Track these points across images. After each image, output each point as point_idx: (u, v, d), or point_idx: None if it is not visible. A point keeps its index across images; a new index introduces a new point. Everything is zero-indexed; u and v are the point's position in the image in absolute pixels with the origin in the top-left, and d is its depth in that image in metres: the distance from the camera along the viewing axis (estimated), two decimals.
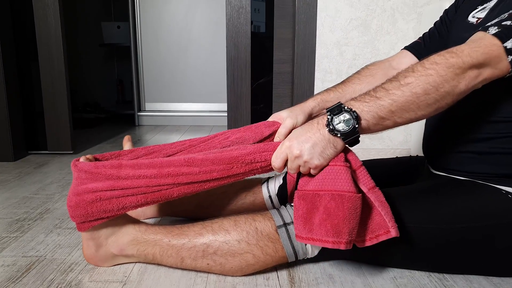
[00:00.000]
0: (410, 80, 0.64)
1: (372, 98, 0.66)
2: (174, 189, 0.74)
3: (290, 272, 0.79)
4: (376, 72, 0.92)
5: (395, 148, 1.67)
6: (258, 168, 0.75)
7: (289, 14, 1.70)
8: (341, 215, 0.66)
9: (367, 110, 0.66)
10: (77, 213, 0.74)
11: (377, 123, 0.66)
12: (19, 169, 1.58)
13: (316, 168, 0.69)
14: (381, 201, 0.69)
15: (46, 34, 1.69)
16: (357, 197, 0.66)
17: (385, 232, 0.68)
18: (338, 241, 0.66)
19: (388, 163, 1.01)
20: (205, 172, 0.73)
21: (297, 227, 0.71)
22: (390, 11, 1.57)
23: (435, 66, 0.63)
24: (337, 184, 0.66)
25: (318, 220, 0.68)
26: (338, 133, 0.66)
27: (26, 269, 0.80)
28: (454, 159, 0.78)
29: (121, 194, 0.73)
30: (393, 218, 0.68)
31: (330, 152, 0.68)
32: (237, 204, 0.99)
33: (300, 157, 0.68)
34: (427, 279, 0.76)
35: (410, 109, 0.65)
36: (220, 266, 0.76)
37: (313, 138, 0.68)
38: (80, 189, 0.74)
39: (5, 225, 1.02)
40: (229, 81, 1.71)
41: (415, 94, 0.63)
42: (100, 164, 0.75)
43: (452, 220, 0.71)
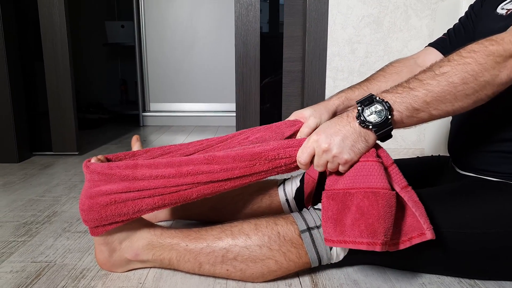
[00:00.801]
0: (446, 69, 0.60)
1: (405, 89, 0.62)
2: (194, 190, 0.70)
3: (313, 278, 0.76)
4: (402, 69, 0.89)
5: (408, 148, 1.64)
6: (282, 165, 0.70)
7: (299, 12, 1.66)
8: (376, 213, 0.61)
9: (400, 101, 0.62)
10: (91, 217, 0.70)
11: (411, 115, 0.62)
12: (24, 170, 1.54)
13: (346, 163, 0.65)
14: (414, 201, 0.64)
15: (51, 32, 1.66)
16: (392, 194, 0.62)
17: (419, 234, 0.64)
18: (373, 242, 0.62)
19: (409, 163, 0.97)
20: (226, 170, 0.69)
21: (326, 230, 0.66)
22: (403, 7, 1.53)
23: (473, 54, 0.59)
24: (370, 181, 0.62)
25: (351, 220, 0.63)
26: (370, 124, 0.62)
27: (36, 275, 0.76)
28: (484, 159, 0.74)
29: (137, 196, 0.70)
30: (428, 219, 0.64)
31: (361, 146, 0.64)
32: (252, 207, 0.96)
33: (328, 151, 0.64)
34: (458, 286, 0.72)
35: (447, 100, 0.60)
36: (241, 272, 0.72)
37: (343, 131, 0.64)
38: (93, 192, 0.70)
39: (12, 229, 0.98)
40: (237, 79, 1.68)
41: (452, 84, 0.59)
42: (114, 164, 0.71)
43: (486, 224, 0.67)
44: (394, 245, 0.66)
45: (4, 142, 1.64)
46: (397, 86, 0.64)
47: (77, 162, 1.67)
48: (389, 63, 0.93)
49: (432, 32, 1.55)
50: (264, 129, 0.82)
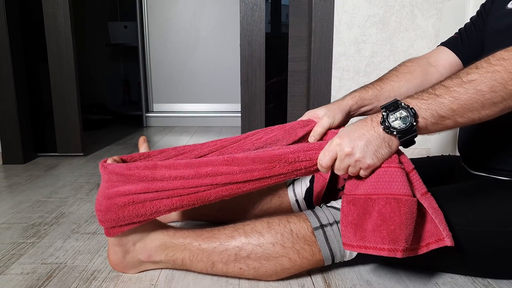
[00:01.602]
0: (474, 77, 0.59)
1: (431, 95, 0.62)
2: (212, 191, 0.70)
3: (325, 278, 0.75)
4: (415, 69, 0.88)
5: (414, 147, 1.63)
6: (302, 168, 0.70)
7: (305, 11, 1.66)
8: (398, 220, 0.61)
9: (425, 108, 0.61)
10: (108, 217, 0.70)
11: (436, 122, 0.62)
12: (29, 171, 1.54)
13: (368, 168, 0.64)
14: (434, 208, 0.64)
15: (55, 33, 1.66)
16: (414, 201, 0.62)
17: (436, 240, 0.64)
18: (394, 248, 0.62)
19: (419, 163, 0.96)
20: (245, 171, 0.69)
21: (345, 235, 0.66)
22: (409, 7, 1.53)
23: (503, 62, 0.58)
24: (392, 187, 0.62)
25: (372, 226, 0.63)
26: (394, 130, 0.62)
27: (47, 277, 0.76)
28: (499, 158, 0.74)
29: (156, 197, 0.69)
30: (447, 227, 0.64)
31: (384, 151, 0.64)
32: (262, 208, 0.95)
33: (351, 156, 0.64)
34: (472, 285, 0.72)
35: (474, 108, 0.60)
36: (254, 271, 0.72)
37: (367, 135, 0.63)
38: (111, 192, 0.69)
39: (21, 230, 0.98)
40: (242, 79, 1.67)
41: (479, 92, 0.59)
42: (133, 165, 0.70)
43: (501, 222, 0.67)
44: (412, 250, 0.65)
45: (9, 143, 1.63)
46: (422, 92, 0.63)
47: (82, 163, 1.67)
48: (402, 62, 0.92)
49: (438, 32, 1.55)
50: (278, 129, 0.82)
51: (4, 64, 1.57)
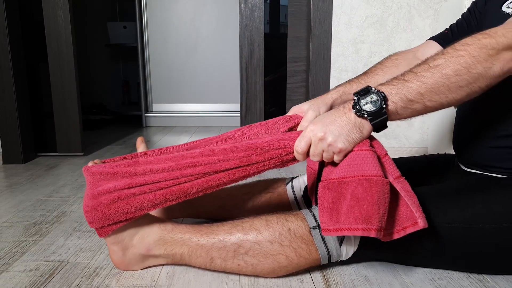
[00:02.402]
0: (440, 62, 0.62)
1: (400, 81, 0.64)
2: (193, 183, 0.71)
3: (324, 274, 0.76)
4: (400, 62, 0.90)
5: (411, 147, 1.65)
6: (278, 156, 0.71)
7: (303, 12, 1.67)
8: (370, 200, 0.62)
9: (395, 93, 0.63)
10: (95, 217, 0.71)
11: (406, 106, 0.64)
12: (29, 171, 1.55)
13: (340, 152, 0.66)
14: (407, 190, 0.66)
15: (56, 34, 1.67)
16: (385, 182, 0.63)
17: (413, 224, 0.65)
18: (368, 227, 0.63)
19: (416, 161, 0.98)
20: (223, 160, 0.71)
21: (323, 220, 0.67)
22: (407, 7, 1.54)
23: (467, 47, 0.61)
24: (363, 169, 0.64)
25: (346, 208, 0.64)
26: (365, 113, 0.64)
27: (49, 274, 0.77)
28: (490, 155, 0.75)
29: (139, 192, 0.70)
30: (421, 208, 0.65)
31: (355, 136, 0.65)
32: (261, 206, 0.97)
33: (324, 140, 0.65)
34: (467, 281, 0.73)
35: (441, 92, 0.62)
36: (252, 267, 0.73)
37: (339, 120, 0.65)
38: (95, 192, 0.71)
39: (23, 229, 0.99)
40: (242, 79, 1.69)
41: (445, 76, 0.61)
42: (116, 164, 0.72)
43: (494, 219, 0.68)
44: (389, 235, 0.67)
45: (9, 143, 1.64)
46: (393, 79, 0.66)
47: (82, 163, 1.68)
48: (388, 56, 0.94)
49: (435, 32, 1.56)
50: (260, 125, 0.83)
51: (5, 65, 1.58)
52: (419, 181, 0.91)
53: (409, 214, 0.65)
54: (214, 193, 0.96)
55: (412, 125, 1.64)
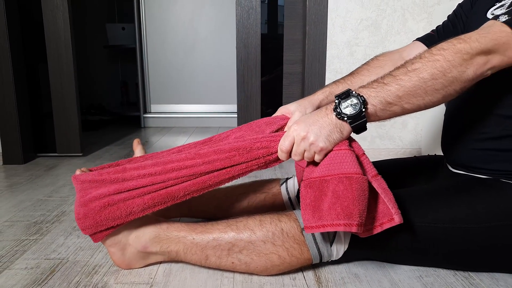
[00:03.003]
0: (417, 66, 0.65)
1: (379, 84, 0.67)
2: (180, 186, 0.73)
3: (316, 272, 0.79)
4: (386, 63, 0.92)
5: (405, 148, 1.68)
6: (260, 156, 0.74)
7: (299, 15, 1.70)
8: (350, 196, 0.65)
9: (374, 95, 0.66)
10: (87, 224, 0.73)
11: (384, 108, 0.67)
12: (29, 171, 1.57)
13: (321, 151, 0.68)
14: (384, 188, 0.69)
15: (55, 36, 1.69)
16: (364, 179, 0.66)
17: (389, 220, 0.68)
18: (349, 223, 0.65)
19: (407, 162, 1.01)
20: (207, 162, 0.73)
21: (305, 218, 0.69)
22: (401, 11, 1.57)
23: (442, 52, 0.64)
24: (343, 167, 0.67)
25: (327, 205, 0.67)
26: (345, 116, 0.67)
27: (50, 271, 0.80)
28: (475, 157, 0.78)
29: (128, 197, 0.73)
30: (396, 205, 0.68)
31: (336, 136, 0.68)
32: (257, 206, 0.99)
33: (306, 139, 0.68)
34: (453, 278, 0.76)
35: (417, 94, 0.65)
36: (245, 265, 0.75)
37: (320, 121, 0.68)
38: (86, 199, 0.74)
39: (24, 228, 1.02)
40: (239, 81, 1.71)
41: (422, 79, 0.64)
42: (104, 171, 0.75)
43: (478, 219, 0.71)
44: (368, 231, 0.69)
45: (9, 144, 1.67)
46: (373, 82, 0.69)
47: (82, 163, 1.70)
48: (375, 56, 0.96)
49: None
50: (245, 127, 0.85)
51: (5, 66, 1.60)
52: (409, 181, 0.94)
53: (386, 211, 0.68)
54: (210, 193, 0.99)
55: (406, 126, 1.67)
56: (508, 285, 0.73)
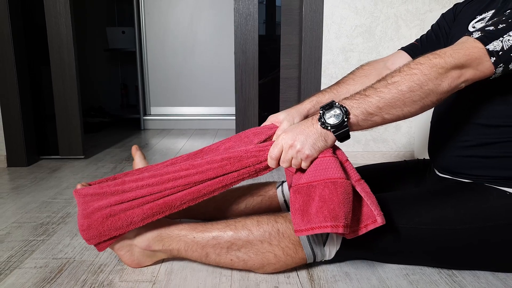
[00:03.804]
0: (397, 79, 0.70)
1: (361, 96, 0.72)
2: (177, 196, 0.79)
3: (309, 271, 0.84)
4: (370, 72, 0.97)
5: (399, 150, 1.73)
6: (250, 165, 0.79)
7: (296, 21, 1.75)
8: (336, 200, 0.70)
9: (356, 106, 0.71)
10: (91, 234, 0.78)
11: (366, 118, 0.72)
12: (33, 174, 1.62)
13: (307, 158, 0.73)
14: (366, 191, 0.74)
15: (58, 42, 1.74)
16: (347, 183, 0.71)
17: (373, 221, 0.73)
18: (336, 225, 0.69)
19: (396, 166, 1.05)
20: (201, 172, 0.79)
21: (295, 222, 0.74)
22: (394, 18, 1.62)
23: (420, 66, 0.69)
24: (328, 173, 0.71)
25: (315, 209, 0.71)
26: (329, 126, 0.72)
27: (58, 270, 0.84)
28: (459, 163, 0.83)
29: (128, 207, 0.78)
30: (379, 207, 0.73)
31: (320, 144, 0.73)
32: (253, 208, 1.04)
33: (293, 147, 0.73)
34: (438, 276, 0.81)
35: (397, 106, 0.70)
36: (243, 263, 0.80)
37: (307, 130, 0.73)
38: (89, 211, 0.79)
39: (31, 229, 1.06)
40: (237, 86, 1.76)
41: (400, 92, 0.69)
42: (104, 184, 0.81)
43: (456, 221, 0.76)
44: (354, 232, 0.74)
45: (13, 147, 1.71)
46: (355, 94, 0.74)
47: (84, 166, 1.75)
48: (360, 65, 1.01)
49: None
50: (235, 138, 0.90)
51: (9, 69, 1.65)
52: (398, 185, 0.99)
53: (369, 213, 0.73)
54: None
55: (399, 130, 1.72)
56: (489, 282, 0.78)
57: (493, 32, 0.68)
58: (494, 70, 0.68)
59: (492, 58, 0.67)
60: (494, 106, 0.76)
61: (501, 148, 0.76)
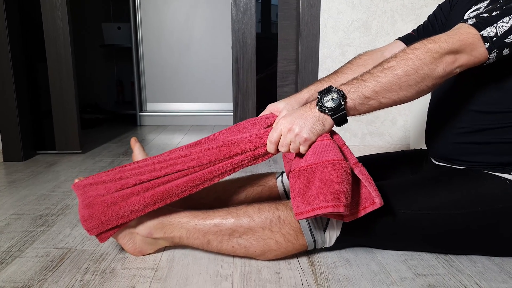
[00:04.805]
0: (392, 64, 0.71)
1: (358, 81, 0.74)
2: (177, 183, 0.79)
3: (310, 257, 0.85)
4: (368, 62, 0.98)
5: (395, 144, 1.75)
6: (249, 150, 0.80)
7: (293, 16, 1.76)
8: (336, 180, 0.71)
9: (353, 91, 0.73)
10: (92, 224, 0.79)
11: (363, 102, 0.73)
12: (30, 168, 1.61)
13: (305, 142, 0.75)
14: (364, 174, 0.75)
15: (54, 36, 1.73)
16: (346, 164, 0.72)
17: (371, 203, 0.74)
18: (337, 204, 0.70)
19: (393, 156, 1.07)
20: (198, 158, 0.80)
21: (296, 205, 0.74)
22: (390, 12, 1.64)
23: (415, 51, 0.70)
24: (327, 155, 0.73)
25: (315, 190, 0.72)
26: (326, 109, 0.73)
27: (60, 259, 0.84)
28: (455, 150, 0.84)
29: (128, 194, 0.78)
30: (377, 189, 0.74)
31: (318, 128, 0.74)
32: (254, 198, 1.05)
33: (291, 131, 0.74)
34: (435, 261, 0.83)
35: (393, 90, 0.71)
36: (245, 249, 0.81)
37: (305, 115, 0.75)
38: (89, 201, 0.79)
39: (30, 220, 1.06)
40: (234, 80, 1.77)
41: (396, 76, 0.70)
42: (103, 173, 0.81)
43: (453, 206, 0.78)
44: (353, 215, 0.75)
45: (9, 141, 1.70)
46: (352, 79, 0.75)
47: (81, 160, 1.74)
48: (357, 55, 1.02)
49: None
50: (233, 128, 0.91)
51: (5, 65, 1.64)
52: (396, 174, 1.01)
53: (367, 196, 0.74)
54: (210, 187, 1.05)
55: (395, 124, 1.73)
56: (485, 266, 0.80)
57: (487, 18, 0.70)
58: (488, 56, 0.70)
59: (486, 43, 0.69)
60: (488, 93, 0.78)
61: (497, 134, 0.78)
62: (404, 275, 0.77)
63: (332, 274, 0.78)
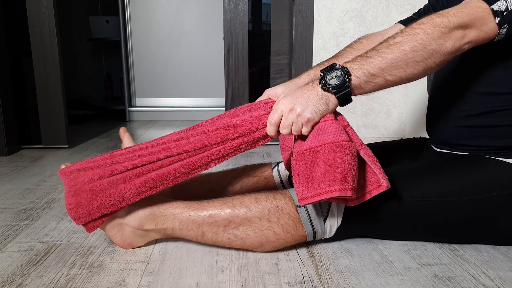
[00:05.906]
0: (399, 39, 0.68)
1: (363, 58, 0.70)
2: (170, 168, 0.74)
3: (309, 248, 0.82)
4: (368, 45, 0.95)
5: (390, 136, 1.73)
6: (247, 133, 0.75)
7: (286, 6, 1.72)
8: (342, 162, 0.67)
9: (358, 68, 0.69)
10: (80, 213, 0.73)
11: (368, 80, 0.69)
12: (14, 163, 1.54)
13: (308, 122, 0.70)
14: (370, 156, 0.71)
15: (39, 26, 1.66)
16: (352, 145, 0.69)
17: (377, 186, 0.70)
18: (344, 188, 0.66)
19: (393, 144, 1.04)
20: (194, 141, 0.75)
21: (299, 190, 0.70)
22: (385, 2, 1.61)
23: (422, 26, 0.67)
24: (332, 137, 0.68)
25: (320, 174, 0.68)
26: (330, 86, 0.69)
27: (44, 253, 0.79)
28: (458, 134, 0.82)
29: (119, 180, 0.73)
30: (383, 171, 0.71)
31: (322, 108, 0.70)
32: (249, 189, 1.01)
33: (293, 111, 0.70)
34: (439, 250, 0.80)
35: (399, 66, 0.68)
36: (241, 241, 0.77)
37: (307, 94, 0.71)
38: (76, 188, 0.74)
39: (13, 214, 1.00)
40: (227, 72, 1.72)
41: (403, 51, 0.67)
42: (91, 159, 0.76)
43: (458, 193, 0.75)
44: (358, 198, 0.71)
45: None
46: (357, 57, 0.72)
47: (68, 155, 1.68)
48: (357, 38, 0.99)
49: None
50: (229, 113, 0.86)
51: None
52: (395, 162, 0.98)
53: (373, 178, 0.71)
54: (203, 178, 1.01)
55: (390, 116, 1.71)
56: (490, 255, 0.77)
57: None
58: (498, 31, 0.67)
59: (496, 18, 0.66)
60: (494, 73, 0.75)
61: (503, 116, 0.76)
62: (408, 265, 0.74)
63: (334, 265, 0.75)
